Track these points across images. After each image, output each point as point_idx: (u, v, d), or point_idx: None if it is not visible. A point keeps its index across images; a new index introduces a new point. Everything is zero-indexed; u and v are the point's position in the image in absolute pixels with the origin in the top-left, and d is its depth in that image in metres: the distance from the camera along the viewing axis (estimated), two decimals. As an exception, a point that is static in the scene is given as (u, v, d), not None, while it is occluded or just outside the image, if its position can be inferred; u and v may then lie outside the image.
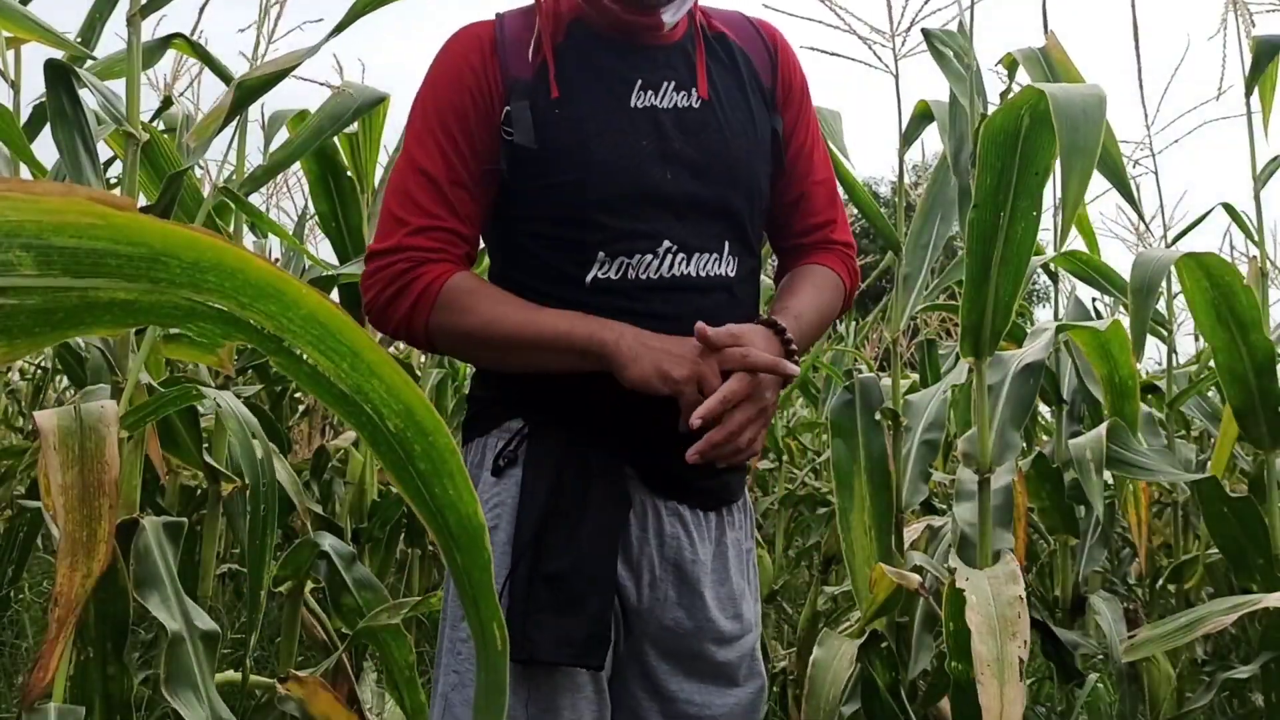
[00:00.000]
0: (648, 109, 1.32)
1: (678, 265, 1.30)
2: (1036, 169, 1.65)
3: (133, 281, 0.40)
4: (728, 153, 1.34)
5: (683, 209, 1.31)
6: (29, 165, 2.09)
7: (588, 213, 1.29)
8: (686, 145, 1.32)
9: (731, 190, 1.35)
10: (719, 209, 1.34)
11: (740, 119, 1.37)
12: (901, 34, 2.22)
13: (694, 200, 1.32)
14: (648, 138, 1.31)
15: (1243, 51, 2.43)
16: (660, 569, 1.33)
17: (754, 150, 1.38)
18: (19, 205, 0.40)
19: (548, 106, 1.31)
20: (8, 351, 0.41)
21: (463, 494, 0.49)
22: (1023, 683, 1.49)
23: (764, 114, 1.40)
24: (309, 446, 4.09)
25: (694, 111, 1.34)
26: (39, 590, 3.77)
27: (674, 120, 1.33)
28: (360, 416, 0.45)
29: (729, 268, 1.34)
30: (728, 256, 1.33)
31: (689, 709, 1.35)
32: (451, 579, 1.02)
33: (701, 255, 1.31)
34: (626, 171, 1.30)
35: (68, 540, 1.35)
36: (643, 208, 1.30)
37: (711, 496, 1.36)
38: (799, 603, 4.04)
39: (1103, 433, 2.44)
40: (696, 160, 1.32)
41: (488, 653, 0.54)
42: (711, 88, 1.36)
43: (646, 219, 1.30)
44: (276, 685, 1.77)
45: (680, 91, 1.34)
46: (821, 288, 1.44)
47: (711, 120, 1.35)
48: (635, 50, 1.35)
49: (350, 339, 0.43)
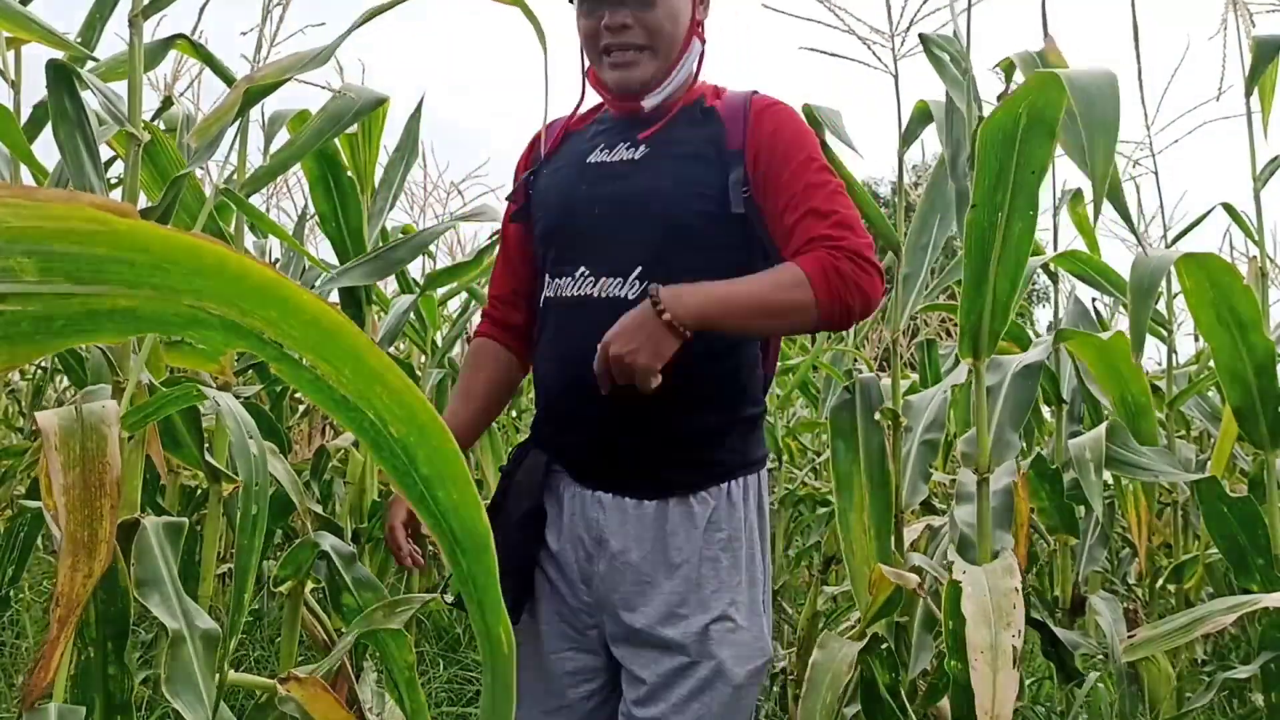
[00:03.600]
0: (596, 164, 1.65)
1: (584, 286, 1.58)
2: (1033, 168, 1.65)
3: (135, 289, 0.40)
4: (648, 194, 1.59)
5: (598, 242, 1.59)
6: (29, 166, 2.09)
7: (541, 242, 1.68)
8: (613, 190, 1.61)
9: (646, 227, 1.57)
10: (632, 242, 1.57)
11: (684, 169, 1.60)
12: (901, 34, 2.22)
13: (611, 235, 1.58)
14: (585, 186, 1.63)
15: (1243, 51, 2.43)
16: (590, 545, 1.57)
17: (686, 192, 1.58)
18: (21, 211, 0.40)
19: (540, 168, 1.72)
20: (9, 359, 0.41)
21: (467, 499, 0.49)
22: (1016, 670, 1.49)
23: (717, 169, 1.59)
24: (309, 446, 4.10)
25: (631, 163, 1.62)
26: (39, 590, 3.77)
27: (611, 170, 1.63)
28: (362, 422, 0.45)
29: (631, 290, 1.55)
30: (632, 281, 1.55)
31: (631, 668, 1.55)
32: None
33: (604, 278, 1.57)
34: (563, 212, 1.65)
35: (69, 540, 1.35)
36: (570, 241, 1.63)
37: (643, 487, 1.56)
38: (799, 603, 4.04)
39: (1102, 433, 2.44)
40: (614, 202, 1.60)
41: (495, 657, 0.54)
42: (661, 144, 1.62)
43: (571, 249, 1.62)
44: (276, 685, 1.77)
45: (631, 149, 1.63)
46: (765, 277, 1.52)
47: (642, 168, 1.61)
48: (627, 124, 1.67)
49: (352, 344, 0.43)
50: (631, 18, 1.60)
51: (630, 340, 1.44)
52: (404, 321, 3.20)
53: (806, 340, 5.08)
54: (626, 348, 1.43)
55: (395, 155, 3.07)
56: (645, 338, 1.44)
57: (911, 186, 3.80)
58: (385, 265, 2.68)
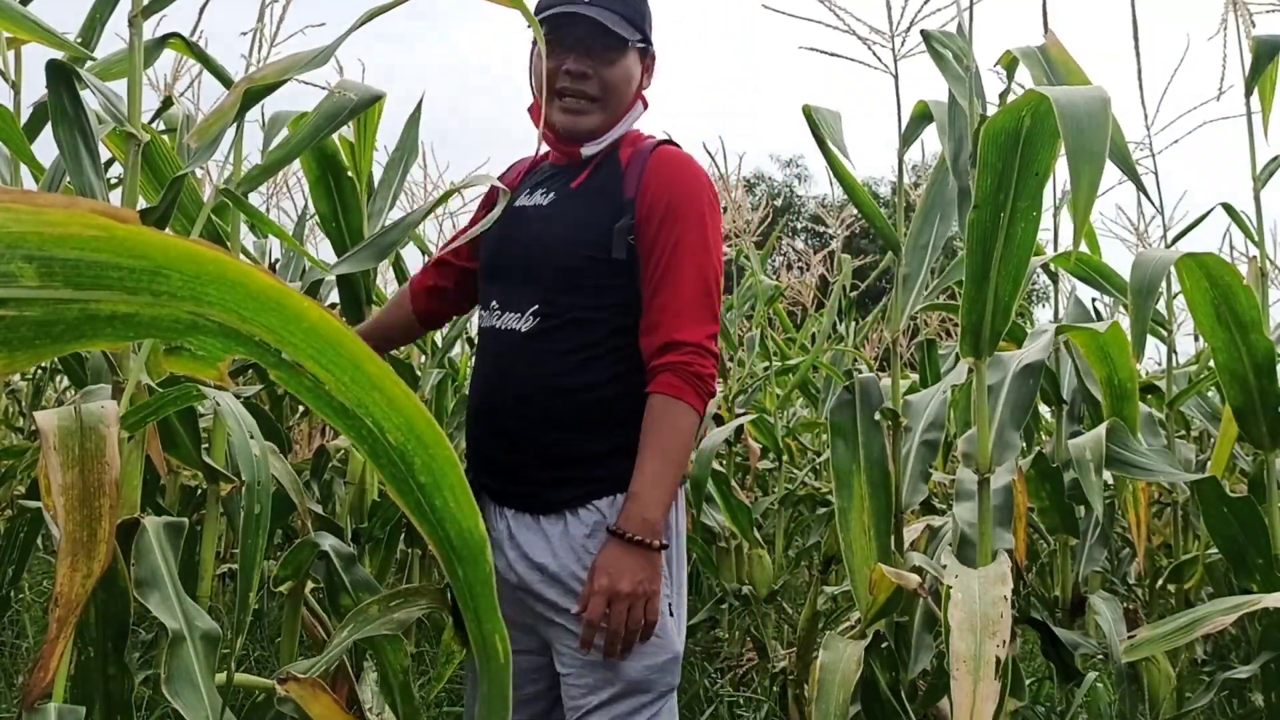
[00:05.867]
0: (520, 208, 1.82)
1: (492, 318, 1.79)
2: (1037, 169, 1.65)
3: (134, 294, 0.40)
4: (544, 237, 1.76)
5: (506, 278, 1.79)
6: (29, 165, 2.09)
7: (479, 274, 1.90)
8: (520, 232, 1.78)
9: (541, 267, 1.74)
10: (529, 280, 1.75)
11: (578, 214, 1.76)
12: (901, 34, 2.22)
13: (516, 272, 1.77)
14: (509, 228, 1.78)
15: (1243, 51, 2.43)
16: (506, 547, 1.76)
17: (578, 238, 1.73)
18: (22, 217, 0.39)
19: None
20: (8, 363, 0.40)
21: (463, 506, 0.48)
22: (998, 681, 1.49)
23: (606, 216, 1.73)
24: (309, 446, 4.09)
25: (540, 208, 1.80)
26: (39, 590, 3.77)
27: (525, 215, 1.80)
28: (361, 430, 0.45)
29: (525, 324, 1.74)
30: (528, 315, 1.74)
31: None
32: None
33: (507, 313, 1.76)
34: (489, 251, 1.86)
35: (68, 540, 1.35)
36: (491, 276, 1.84)
37: (529, 503, 1.75)
38: (799, 603, 4.04)
39: (1102, 433, 2.44)
40: (521, 244, 1.78)
41: (490, 663, 0.54)
42: (567, 192, 1.78)
43: (491, 284, 1.84)
44: (276, 685, 1.76)
45: (546, 195, 1.81)
46: (653, 427, 1.68)
47: (547, 214, 1.78)
48: (560, 170, 1.83)
49: (351, 352, 0.43)
50: (592, 69, 1.74)
51: (619, 576, 1.63)
52: (404, 321, 3.20)
53: (806, 340, 5.08)
54: (624, 585, 1.62)
55: (395, 155, 3.07)
56: (636, 566, 1.63)
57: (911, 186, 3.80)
58: (379, 250, 2.67)
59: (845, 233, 4.90)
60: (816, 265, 5.25)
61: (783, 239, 7.43)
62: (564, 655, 1.72)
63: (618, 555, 1.63)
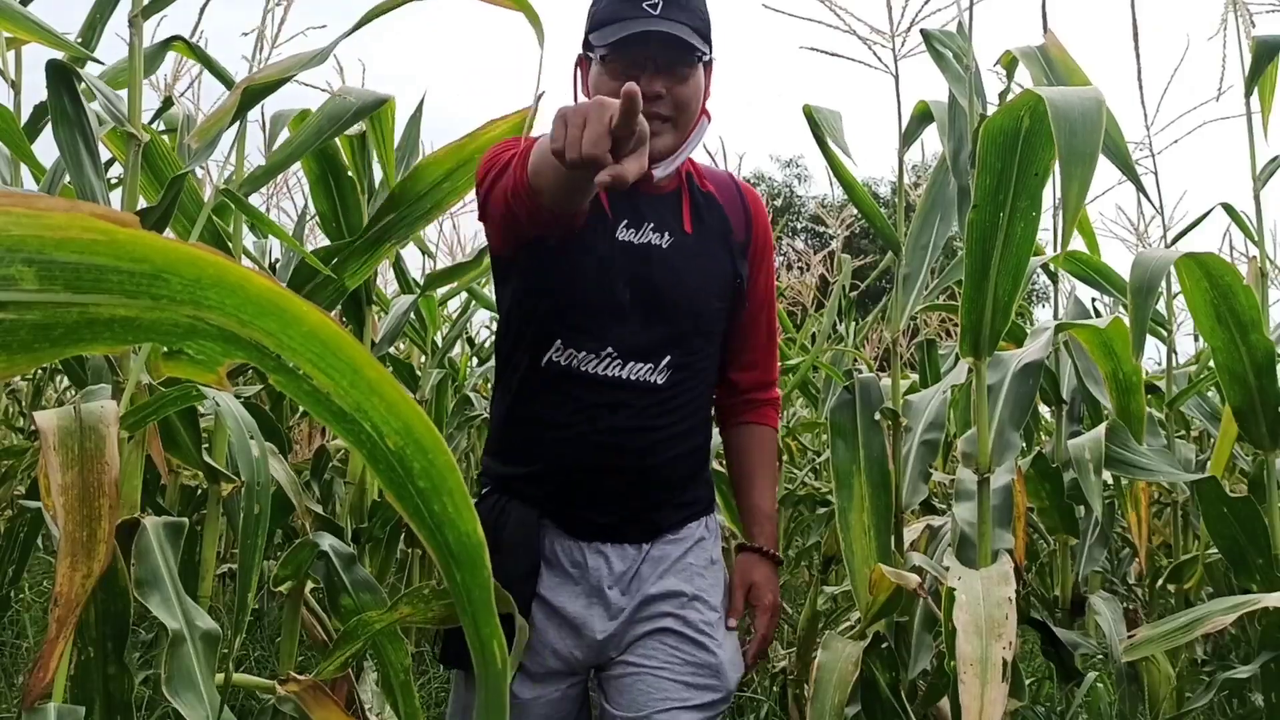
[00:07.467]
0: (625, 243, 1.66)
1: (612, 368, 1.63)
2: (1036, 169, 1.65)
3: (133, 298, 0.40)
4: (681, 285, 1.66)
5: (626, 321, 1.63)
6: (29, 165, 2.09)
7: (550, 298, 1.65)
8: (643, 275, 1.64)
9: (677, 315, 1.66)
10: (662, 328, 1.65)
11: (704, 261, 1.70)
12: (901, 34, 2.22)
13: (642, 320, 1.64)
14: (614, 263, 1.64)
15: (1243, 51, 2.43)
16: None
17: (708, 287, 1.70)
18: (21, 220, 0.39)
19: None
20: (7, 366, 0.40)
21: (461, 511, 0.48)
22: (1005, 683, 1.49)
23: (728, 261, 1.73)
24: (309, 446, 4.10)
25: (661, 250, 1.67)
26: (39, 590, 3.77)
27: (638, 254, 1.66)
28: (359, 435, 0.45)
29: (660, 376, 1.64)
30: (664, 367, 1.65)
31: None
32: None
33: (633, 362, 1.63)
34: (589, 285, 1.63)
35: (68, 540, 1.35)
36: (593, 314, 1.63)
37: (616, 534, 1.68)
38: (799, 603, 4.04)
39: (1102, 433, 2.44)
40: (650, 288, 1.64)
41: (488, 671, 0.54)
42: (682, 233, 1.70)
43: (594, 323, 1.63)
44: (276, 686, 1.76)
45: (657, 232, 1.68)
46: (770, 458, 1.86)
47: (673, 257, 1.67)
48: (634, 197, 1.68)
49: (350, 356, 0.43)
50: (664, 88, 1.63)
51: (776, 590, 1.80)
52: (404, 322, 3.20)
53: (806, 340, 5.08)
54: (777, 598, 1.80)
55: (395, 154, 3.07)
56: (777, 580, 1.82)
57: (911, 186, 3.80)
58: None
59: (845, 233, 4.91)
60: (816, 265, 5.26)
61: (783, 239, 7.42)
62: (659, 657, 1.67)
63: (770, 573, 1.78)
